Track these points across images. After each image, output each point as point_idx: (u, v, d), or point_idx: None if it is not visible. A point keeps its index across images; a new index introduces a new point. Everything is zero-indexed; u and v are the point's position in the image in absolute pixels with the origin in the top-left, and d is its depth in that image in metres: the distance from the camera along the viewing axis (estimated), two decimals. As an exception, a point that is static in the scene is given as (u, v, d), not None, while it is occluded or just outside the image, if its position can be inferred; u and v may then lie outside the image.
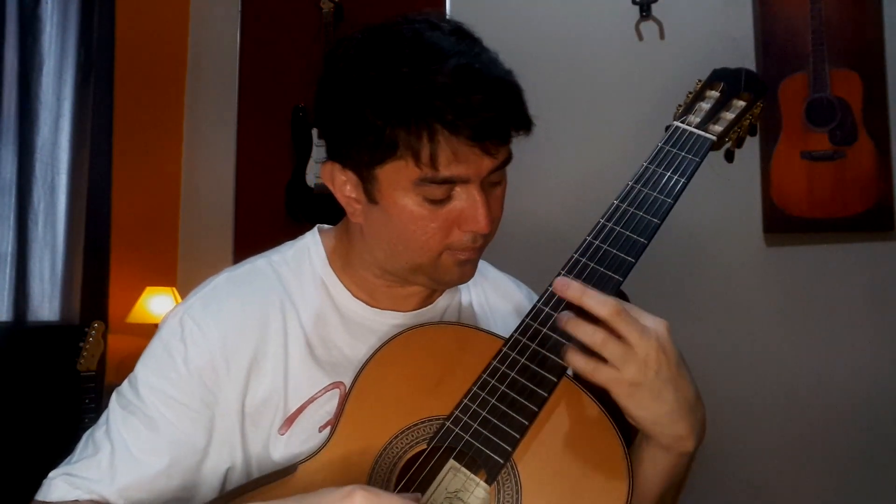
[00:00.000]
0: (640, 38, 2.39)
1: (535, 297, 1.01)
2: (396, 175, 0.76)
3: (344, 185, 0.83)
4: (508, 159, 0.80)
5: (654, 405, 0.72)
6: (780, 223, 2.19)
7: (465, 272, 0.85)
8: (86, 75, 2.60)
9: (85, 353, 2.22)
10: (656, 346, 0.70)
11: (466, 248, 0.81)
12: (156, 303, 2.63)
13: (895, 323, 2.08)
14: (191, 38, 3.15)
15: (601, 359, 0.71)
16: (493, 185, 0.81)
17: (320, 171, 0.86)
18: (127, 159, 2.72)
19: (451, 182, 0.76)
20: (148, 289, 2.68)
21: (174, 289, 2.75)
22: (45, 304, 2.50)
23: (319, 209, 2.67)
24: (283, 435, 0.83)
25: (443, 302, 0.94)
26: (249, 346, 0.83)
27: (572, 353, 0.72)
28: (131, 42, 2.78)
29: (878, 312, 2.09)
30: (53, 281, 2.52)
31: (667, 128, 0.90)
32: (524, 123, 0.78)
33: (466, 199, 0.78)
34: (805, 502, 2.12)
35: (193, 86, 3.13)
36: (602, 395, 0.77)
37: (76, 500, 0.78)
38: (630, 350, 0.70)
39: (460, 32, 0.80)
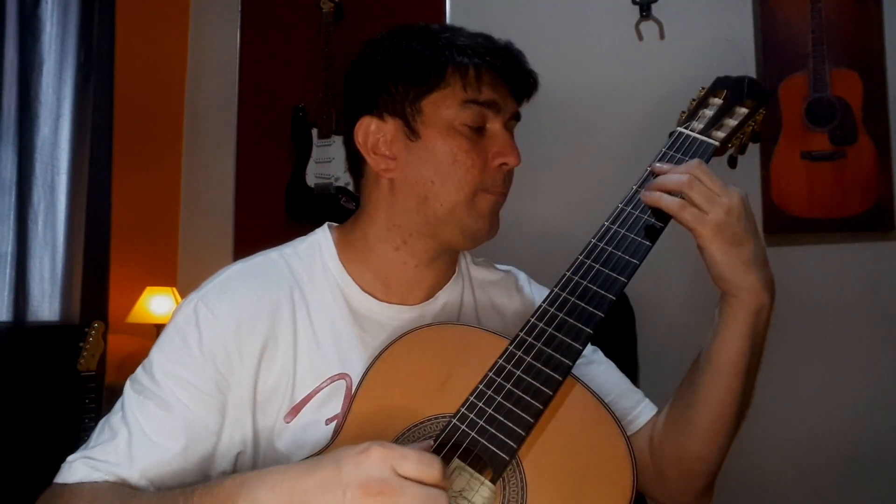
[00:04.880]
0: (640, 38, 2.39)
1: (535, 289, 1.04)
2: (443, 101, 0.87)
3: (377, 143, 0.90)
4: (519, 116, 0.94)
5: (733, 250, 0.78)
6: (780, 223, 2.19)
7: (494, 223, 0.92)
8: (86, 75, 2.59)
9: (85, 353, 2.22)
10: (739, 199, 0.78)
11: (498, 186, 0.89)
12: (156, 303, 2.63)
13: (895, 323, 2.08)
14: (191, 38, 3.14)
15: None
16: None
17: (355, 132, 0.91)
18: (127, 159, 2.72)
19: (490, 106, 0.88)
20: (148, 289, 2.67)
21: (174, 289, 2.75)
22: (45, 304, 2.49)
23: (319, 209, 2.67)
24: (288, 423, 0.84)
25: (442, 296, 0.96)
26: (261, 334, 0.85)
27: (656, 193, 0.81)
28: (131, 42, 2.77)
29: (878, 312, 2.10)
30: (53, 281, 2.51)
31: (670, 134, 0.92)
32: (534, 76, 0.93)
33: (498, 133, 0.89)
34: (805, 499, 2.12)
35: (193, 86, 3.13)
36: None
37: (96, 482, 0.79)
38: (715, 196, 0.78)
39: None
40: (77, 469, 0.80)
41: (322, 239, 0.95)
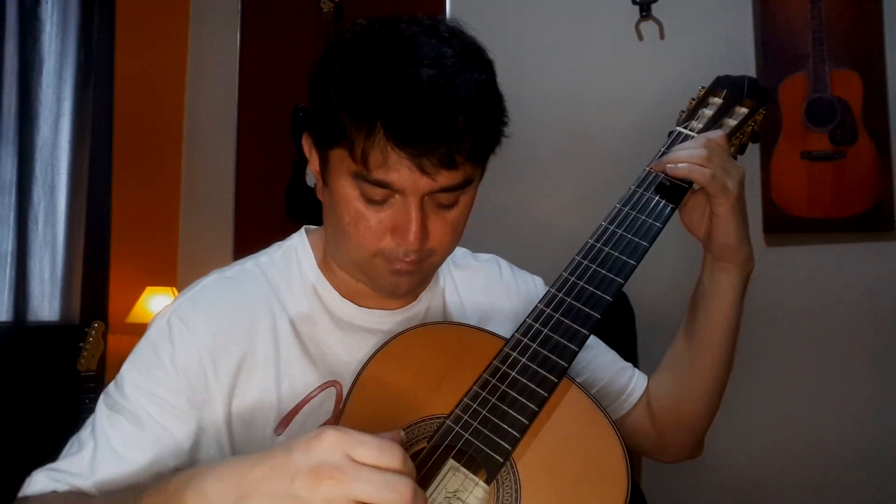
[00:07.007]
0: (640, 38, 2.39)
1: (518, 276, 1.03)
2: (340, 162, 0.76)
3: (315, 160, 0.84)
4: (463, 183, 0.77)
5: (743, 220, 0.85)
6: (780, 223, 2.19)
7: (400, 284, 0.83)
8: (86, 75, 2.60)
9: (85, 353, 2.22)
10: (743, 172, 0.83)
11: (398, 258, 0.79)
12: (156, 303, 2.63)
13: (895, 323, 2.08)
14: (191, 38, 3.15)
15: None
16: (442, 206, 0.79)
17: (302, 142, 0.86)
18: (127, 159, 2.72)
19: (384, 187, 0.74)
20: (148, 289, 2.68)
21: (174, 289, 2.75)
22: (45, 304, 2.50)
23: (319, 210, 2.66)
24: (279, 435, 0.82)
25: (425, 298, 0.94)
26: (238, 348, 0.83)
27: (685, 164, 0.82)
28: (131, 42, 2.78)
29: (878, 313, 2.09)
30: (53, 281, 2.52)
31: (669, 133, 0.91)
32: (474, 155, 0.75)
33: (401, 211, 0.76)
34: (804, 502, 2.12)
35: (193, 86, 3.13)
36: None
37: (54, 491, 0.78)
38: (730, 167, 0.83)
39: (457, 44, 0.76)
40: (37, 481, 0.79)
41: (299, 244, 0.93)
